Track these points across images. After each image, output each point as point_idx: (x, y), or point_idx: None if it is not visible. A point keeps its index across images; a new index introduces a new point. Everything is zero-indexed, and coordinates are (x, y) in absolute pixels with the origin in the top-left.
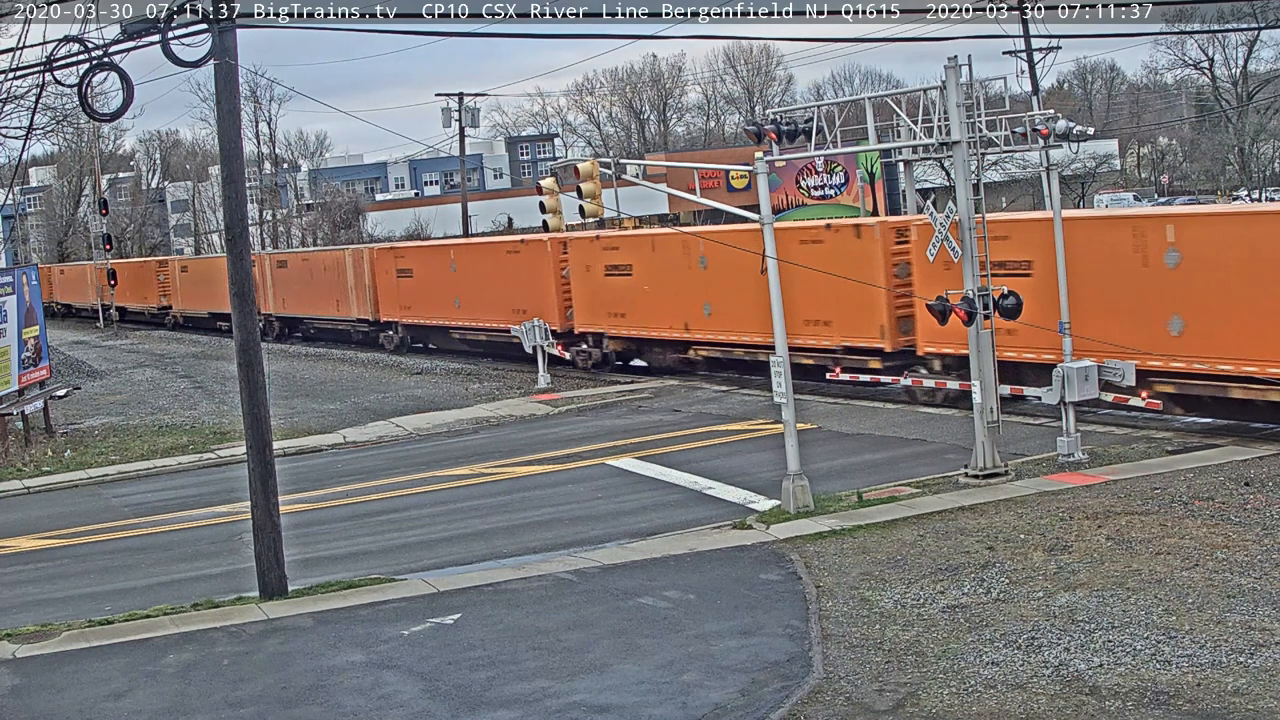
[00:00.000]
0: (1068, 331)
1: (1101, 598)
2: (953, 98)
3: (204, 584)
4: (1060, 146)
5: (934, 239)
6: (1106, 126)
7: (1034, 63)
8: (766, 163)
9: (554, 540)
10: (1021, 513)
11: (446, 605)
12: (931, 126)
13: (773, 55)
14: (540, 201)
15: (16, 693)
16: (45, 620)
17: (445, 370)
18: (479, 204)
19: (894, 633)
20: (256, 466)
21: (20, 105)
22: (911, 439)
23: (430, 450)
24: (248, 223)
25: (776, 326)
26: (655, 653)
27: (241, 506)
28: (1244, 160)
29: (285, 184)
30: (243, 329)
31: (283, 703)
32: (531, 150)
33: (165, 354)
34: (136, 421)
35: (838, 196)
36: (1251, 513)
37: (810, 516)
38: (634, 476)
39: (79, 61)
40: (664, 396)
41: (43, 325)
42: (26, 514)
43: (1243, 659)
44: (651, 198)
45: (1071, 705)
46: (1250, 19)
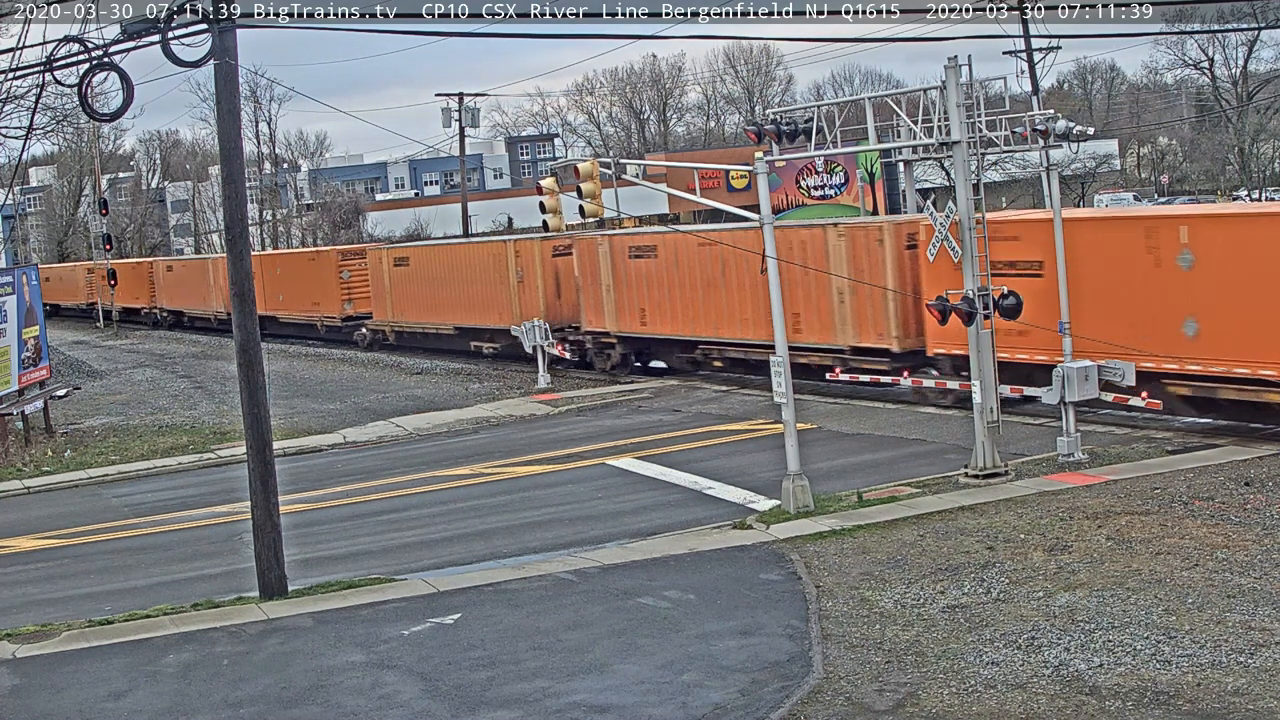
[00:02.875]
0: (1068, 331)
1: (1101, 598)
2: (953, 98)
3: (204, 584)
4: (1060, 146)
5: (934, 239)
6: (1106, 126)
7: (1034, 63)
8: (766, 163)
9: (554, 540)
10: (1021, 513)
11: (446, 605)
12: (931, 126)
13: (773, 55)
14: (540, 201)
15: (16, 693)
16: (45, 620)
17: (445, 370)
18: (479, 204)
19: (894, 633)
20: (256, 466)
21: (20, 105)
22: (911, 439)
23: (430, 450)
24: (248, 223)
25: (776, 327)
26: (655, 653)
27: (241, 506)
28: (1244, 160)
29: (285, 184)
30: (243, 329)
31: (283, 703)
32: (531, 150)
33: (165, 354)
34: (136, 421)
35: (838, 196)
36: (1251, 513)
37: (810, 516)
38: (634, 476)
39: (79, 61)
40: (664, 396)
41: (43, 325)
42: (26, 514)
43: (1243, 659)
44: (651, 198)
45: (1071, 705)
46: (1250, 19)
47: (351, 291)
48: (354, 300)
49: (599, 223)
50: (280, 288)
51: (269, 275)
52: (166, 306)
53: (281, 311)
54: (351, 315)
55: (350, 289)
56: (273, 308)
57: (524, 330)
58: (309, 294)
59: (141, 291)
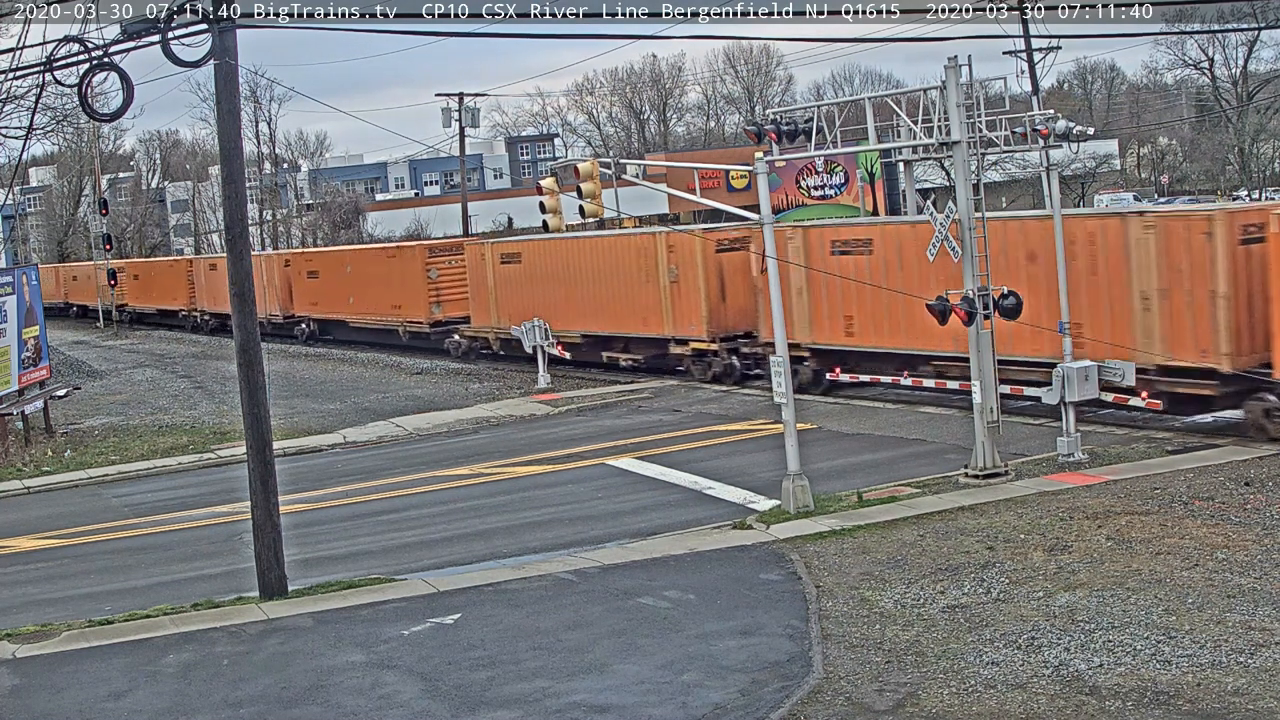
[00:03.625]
0: (1068, 331)
1: (1101, 598)
2: (953, 98)
3: (204, 584)
4: (1060, 146)
5: (934, 239)
6: (1106, 126)
7: (1034, 63)
8: (766, 163)
9: (554, 540)
10: (1021, 513)
11: (446, 605)
12: (931, 126)
13: (773, 55)
14: (540, 201)
15: (16, 693)
16: (45, 620)
17: (445, 370)
18: (479, 204)
19: (894, 633)
20: (256, 466)
21: (20, 105)
22: (911, 439)
23: (430, 450)
24: (248, 223)
25: (776, 326)
26: (655, 653)
27: (241, 506)
28: (1244, 160)
29: (285, 184)
30: (243, 329)
31: (283, 703)
32: (531, 150)
33: (165, 354)
34: (136, 421)
35: (838, 196)
36: (1251, 513)
37: (810, 516)
38: (634, 476)
39: (79, 61)
40: (664, 396)
41: (42, 325)
42: (26, 514)
43: (1243, 659)
44: (651, 198)
45: (1071, 705)
46: (1250, 19)
47: (441, 293)
48: (444, 303)
49: (599, 223)
50: (350, 288)
51: (335, 274)
52: (209, 309)
53: (353, 315)
54: (441, 320)
55: (440, 290)
56: (340, 310)
57: (524, 330)
58: (388, 295)
59: (179, 292)
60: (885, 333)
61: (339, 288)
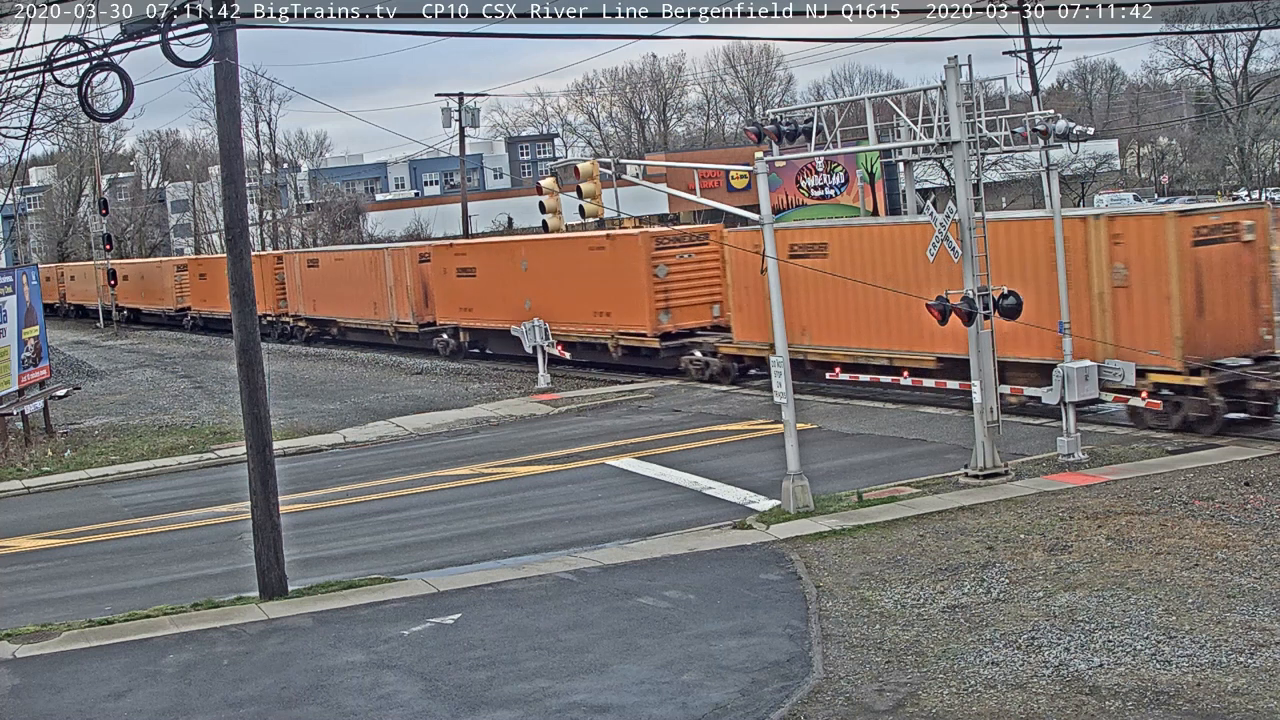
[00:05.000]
0: (1068, 331)
1: (1101, 598)
2: (953, 98)
3: (204, 584)
4: (1060, 146)
5: (934, 239)
6: (1106, 126)
7: (1034, 63)
8: (766, 163)
9: (554, 540)
10: (1021, 513)
11: (446, 605)
12: (931, 126)
13: (773, 55)
14: (540, 201)
15: (16, 693)
16: (45, 620)
17: (445, 370)
18: (479, 204)
19: (894, 633)
20: (256, 466)
21: (20, 105)
22: (911, 439)
23: (430, 450)
24: (248, 223)
25: (777, 326)
26: (655, 653)
27: (241, 506)
28: (1244, 160)
29: (285, 184)
30: (243, 329)
31: (283, 703)
32: (531, 150)
33: (165, 354)
34: (136, 421)
35: (838, 196)
36: (1251, 513)
37: (810, 516)
38: (634, 476)
39: (79, 61)
40: (664, 396)
41: (42, 325)
42: (26, 514)
43: (1243, 659)
44: (651, 198)
45: (1071, 705)
46: (1250, 19)
47: (670, 296)
48: (673, 310)
49: (599, 223)
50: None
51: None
52: (306, 314)
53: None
54: (671, 331)
55: (669, 291)
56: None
57: (524, 330)
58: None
59: (265, 294)
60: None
61: (507, 288)
